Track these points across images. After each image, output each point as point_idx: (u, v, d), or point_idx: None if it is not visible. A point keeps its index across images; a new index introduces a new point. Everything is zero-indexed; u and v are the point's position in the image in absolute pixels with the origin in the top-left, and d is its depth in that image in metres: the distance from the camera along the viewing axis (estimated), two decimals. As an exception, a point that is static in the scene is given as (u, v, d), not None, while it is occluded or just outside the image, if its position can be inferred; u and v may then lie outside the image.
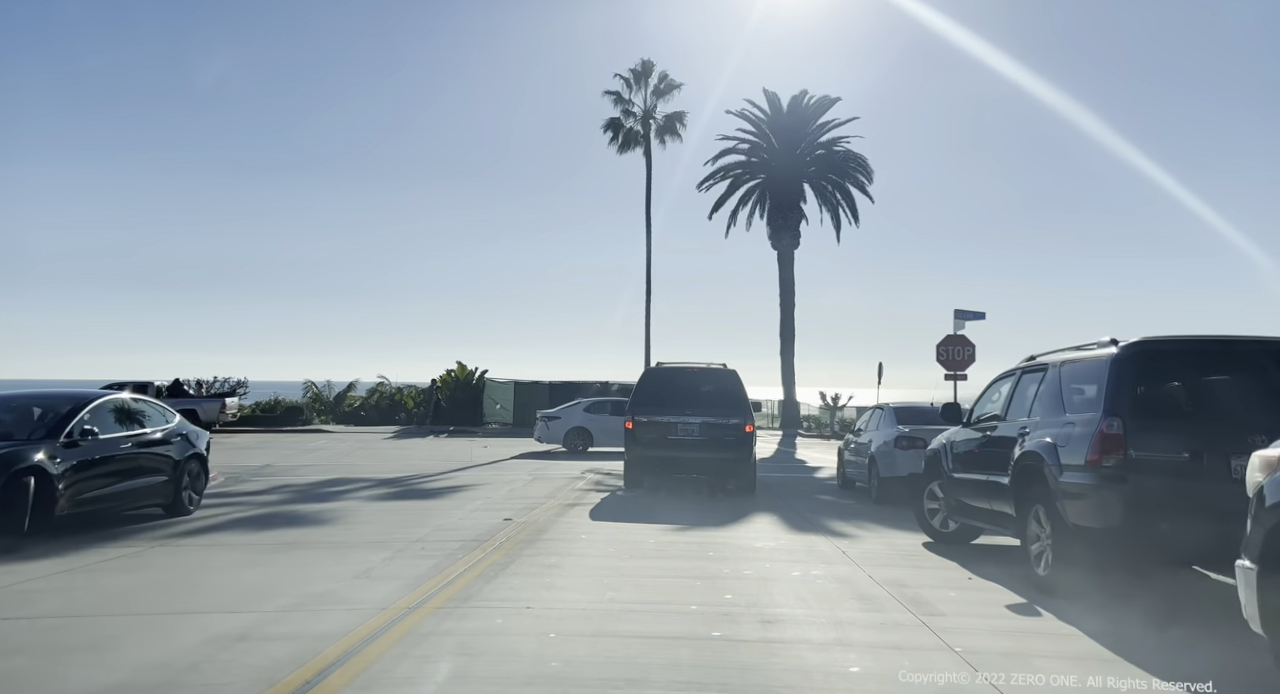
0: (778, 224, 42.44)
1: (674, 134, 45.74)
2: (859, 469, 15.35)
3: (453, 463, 21.17)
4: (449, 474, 18.31)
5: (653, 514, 12.49)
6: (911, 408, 14.84)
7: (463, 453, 24.67)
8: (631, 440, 15.40)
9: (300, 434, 32.84)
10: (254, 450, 24.87)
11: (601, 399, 27.45)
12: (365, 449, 25.90)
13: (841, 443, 17.23)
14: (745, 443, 15.12)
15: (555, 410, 26.77)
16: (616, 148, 45.99)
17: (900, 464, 13.37)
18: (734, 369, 16.44)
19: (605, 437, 24.71)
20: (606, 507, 13.36)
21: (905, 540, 10.46)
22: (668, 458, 15.22)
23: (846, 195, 42.36)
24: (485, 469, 19.93)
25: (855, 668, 5.34)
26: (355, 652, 5.47)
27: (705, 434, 14.96)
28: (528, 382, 39.51)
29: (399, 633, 5.92)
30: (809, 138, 42.38)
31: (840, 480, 16.92)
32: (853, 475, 16.04)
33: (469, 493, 14.87)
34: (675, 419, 15.02)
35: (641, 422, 15.26)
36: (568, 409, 26.44)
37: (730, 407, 15.29)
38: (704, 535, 10.57)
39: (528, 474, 18.54)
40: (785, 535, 10.75)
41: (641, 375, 16.59)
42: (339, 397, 44.90)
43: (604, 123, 45.58)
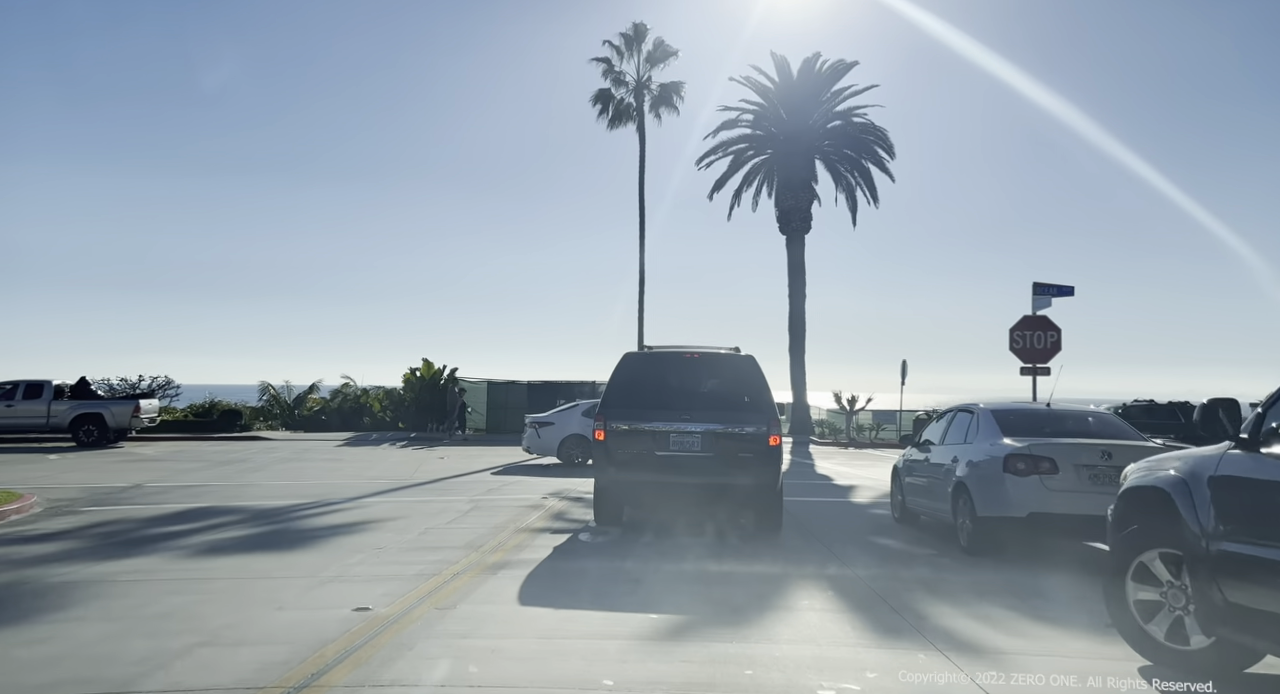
0: (787, 205, 37.74)
1: (670, 106, 41.07)
2: (931, 499, 10.63)
3: (382, 482, 16.41)
4: (362, 502, 13.54)
5: (624, 583, 7.77)
6: (1021, 411, 10.06)
7: (405, 467, 19.90)
8: (603, 457, 10.67)
9: (232, 442, 28.06)
10: (149, 464, 20.11)
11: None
12: (291, 462, 21.13)
13: (898, 460, 12.45)
14: (768, 461, 10.44)
15: (548, 414, 21.87)
16: (606, 122, 41.36)
17: (1014, 497, 8.67)
18: (749, 355, 11.50)
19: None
20: (555, 566, 8.62)
21: (1097, 661, 5.62)
22: (656, 483, 10.54)
23: (864, 173, 37.67)
24: (419, 492, 15.17)
25: None
26: None
27: (711, 448, 10.38)
28: (502, 382, 34.71)
29: None
30: (822, 107, 37.68)
31: (897, 512, 12.17)
32: (917, 506, 11.33)
33: (358, 538, 10.10)
34: (667, 427, 10.42)
35: (618, 430, 10.51)
36: (563, 413, 21.59)
37: (746, 408, 10.67)
38: (715, 652, 5.74)
39: (469, 501, 13.77)
40: (871, 652, 5.81)
41: (619, 363, 11.20)
42: (299, 399, 40.19)
43: (592, 95, 41.03)
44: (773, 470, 10.47)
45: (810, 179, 37.95)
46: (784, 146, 37.75)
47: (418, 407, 34.62)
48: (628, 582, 7.78)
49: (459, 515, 12.01)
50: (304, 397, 40.47)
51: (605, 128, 41.44)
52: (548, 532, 10.67)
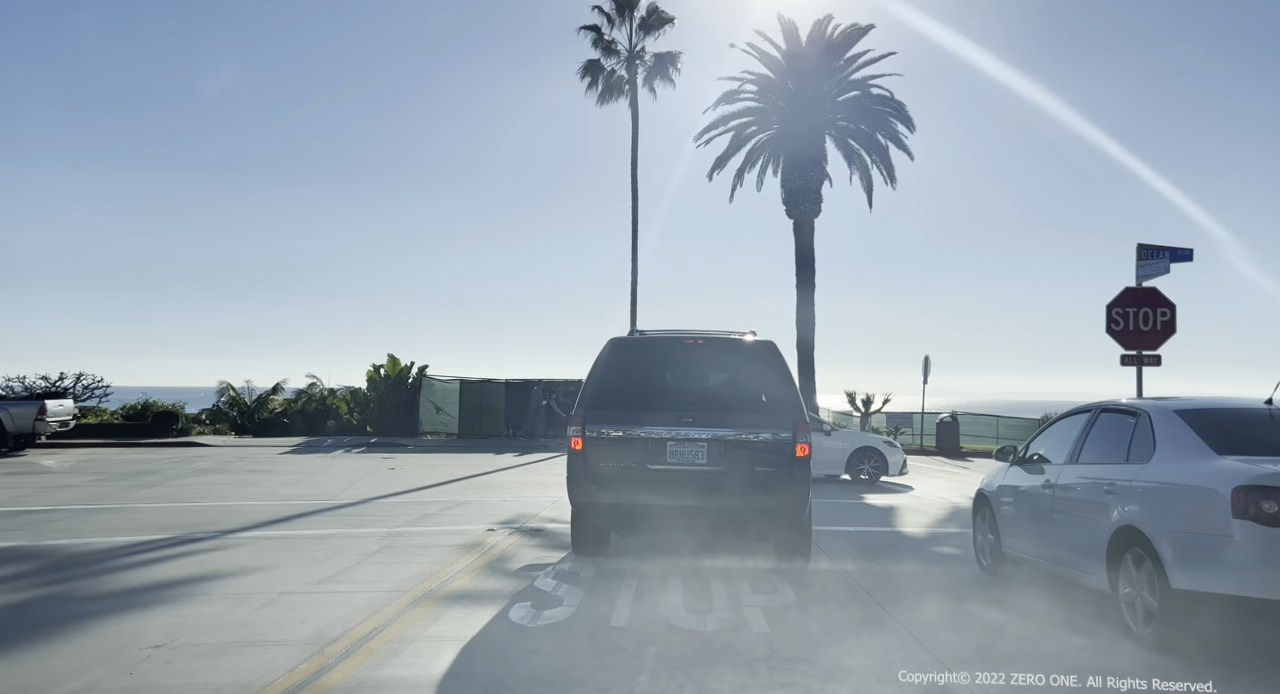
0: (794, 185, 34.02)
1: (666, 79, 37.51)
2: (1057, 548, 6.94)
3: (294, 505, 12.75)
4: (233, 539, 9.85)
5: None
6: (1227, 411, 6.15)
7: (339, 482, 16.20)
8: (581, 471, 8.31)
9: (159, 449, 24.34)
10: (28, 478, 16.41)
11: None
12: (208, 475, 17.47)
13: (985, 482, 8.74)
14: (794, 476, 8.15)
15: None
16: (596, 97, 37.80)
17: (1254, 563, 4.97)
18: (768, 341, 9.06)
19: None
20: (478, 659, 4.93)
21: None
22: (648, 507, 8.21)
23: (880, 150, 33.97)
24: (330, 520, 11.50)
25: None
26: None
27: (719, 459, 8.19)
28: (477, 380, 30.96)
29: None
30: (834, 77, 33.98)
31: (985, 557, 8.48)
32: (1025, 553, 7.62)
33: (143, 621, 6.40)
34: (663, 432, 8.24)
35: (601, 437, 8.31)
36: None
37: (765, 407, 8.42)
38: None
39: (385, 536, 10.07)
40: None
41: (603, 352, 8.82)
42: (260, 401, 36.39)
43: (580, 66, 37.41)
44: (799, 489, 8.15)
45: (820, 156, 34.26)
46: (792, 120, 34.06)
47: (382, 408, 30.93)
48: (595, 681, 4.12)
49: (352, 564, 8.31)
50: (265, 398, 36.71)
51: (595, 103, 37.86)
52: (469, 601, 6.94)
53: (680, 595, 7.10)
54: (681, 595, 7.10)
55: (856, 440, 18.11)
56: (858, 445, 17.83)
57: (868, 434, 19.04)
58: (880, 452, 17.80)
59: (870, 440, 18.21)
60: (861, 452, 17.72)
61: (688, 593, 7.20)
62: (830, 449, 17.52)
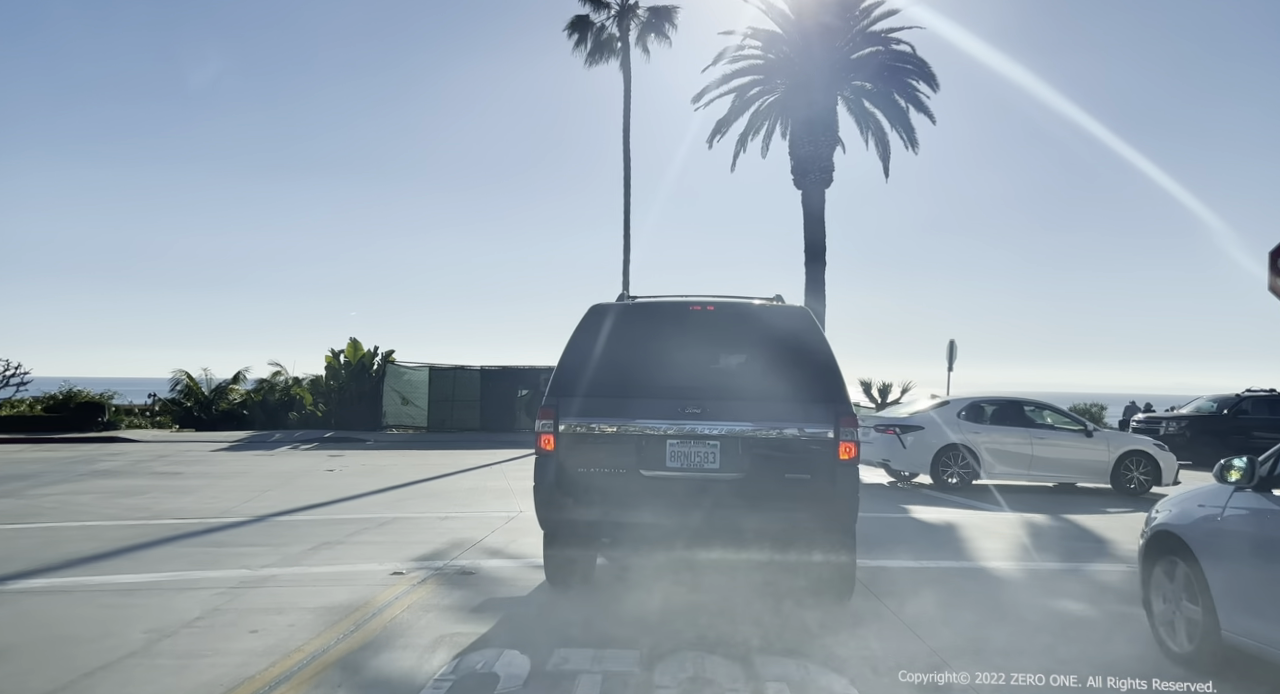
0: (803, 152, 30.55)
1: (661, 35, 34.27)
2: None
3: (158, 527, 9.52)
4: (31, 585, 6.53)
5: None
6: None
7: (246, 492, 12.93)
8: (553, 480, 6.29)
9: (69, 445, 21.04)
10: None
11: (993, 398, 15.68)
12: (90, 481, 14.28)
13: (1176, 518, 5.39)
14: (839, 485, 6.11)
15: (911, 415, 15.34)
16: (584, 56, 34.51)
17: None
18: (801, 307, 7.07)
19: (997, 460, 14.58)
20: None
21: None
22: (641, 527, 6.24)
23: (898, 112, 30.57)
24: (189, 549, 8.22)
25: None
26: None
27: (736, 463, 6.17)
28: (448, 367, 27.60)
29: None
30: (849, 28, 30.55)
31: (1177, 634, 5.18)
32: (1272, 642, 4.29)
33: None
34: (662, 427, 6.21)
35: (578, 434, 6.30)
36: (935, 411, 15.08)
37: (797, 395, 6.25)
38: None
39: (238, 582, 6.75)
40: None
41: (582, 322, 6.69)
42: (218, 391, 32.99)
43: (567, 21, 34.05)
44: (844, 505, 6.15)
45: (832, 120, 30.81)
46: (801, 79, 30.61)
47: (342, 398, 27.62)
48: None
49: (75, 679, 4.98)
50: (225, 388, 33.35)
51: (583, 63, 34.53)
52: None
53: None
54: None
55: (1123, 442, 14.98)
56: (1125, 448, 14.76)
57: (1133, 435, 15.82)
58: (1152, 456, 14.75)
59: (1139, 442, 15.08)
60: (1130, 457, 14.71)
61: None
62: (1092, 452, 14.69)
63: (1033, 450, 14.59)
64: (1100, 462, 14.68)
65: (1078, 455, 14.65)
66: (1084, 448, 14.70)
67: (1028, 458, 14.58)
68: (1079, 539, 10.19)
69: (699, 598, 6.48)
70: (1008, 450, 14.60)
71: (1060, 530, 10.75)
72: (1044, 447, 14.64)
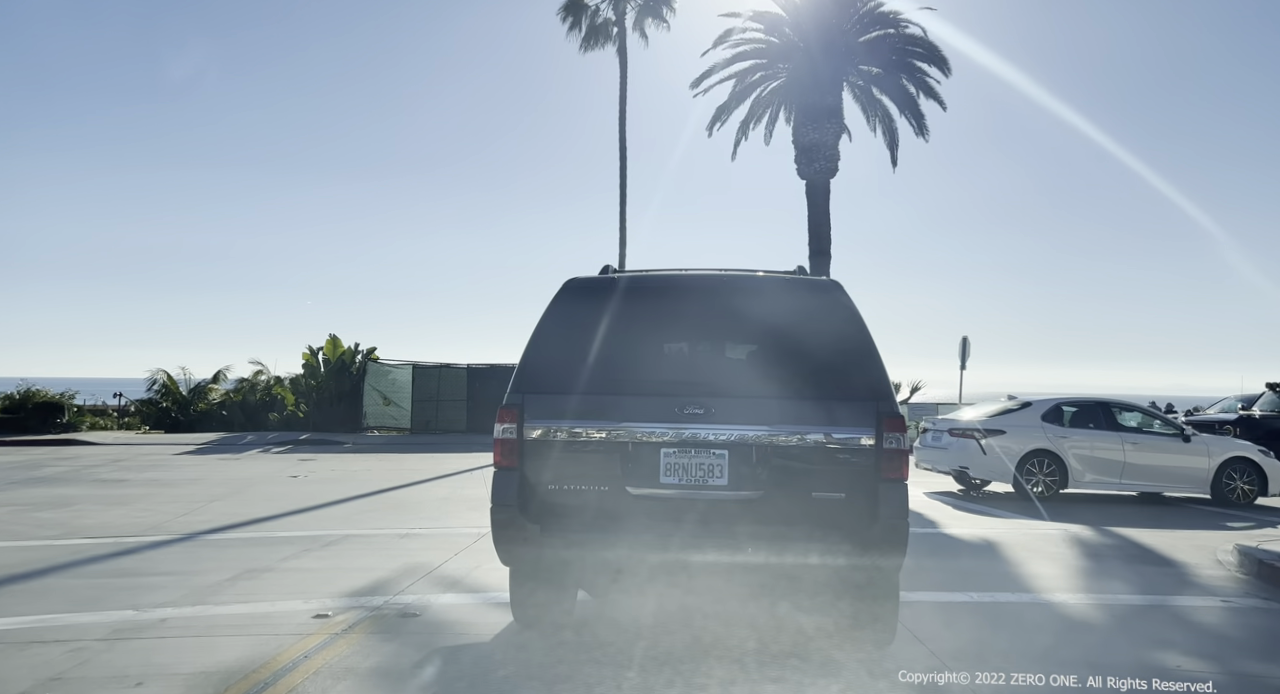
0: (807, 140, 29.10)
1: (659, 19, 32.82)
2: None
3: (54, 552, 8.07)
4: None
5: None
6: None
7: (196, 499, 11.50)
8: (513, 500, 4.84)
9: (19, 449, 19.58)
10: None
11: (1076, 399, 14.20)
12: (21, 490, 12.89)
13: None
14: (884, 506, 4.60)
15: (990, 418, 13.81)
16: (579, 41, 33.10)
17: None
18: (834, 281, 5.36)
19: (1086, 468, 13.20)
20: None
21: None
22: (629, 563, 4.85)
23: (907, 98, 29.14)
24: (73, 582, 6.76)
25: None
26: None
27: (751, 479, 4.73)
28: (432, 365, 26.14)
29: None
30: (857, 10, 29.11)
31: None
32: None
33: None
34: (655, 431, 4.78)
35: (548, 441, 4.90)
36: (1016, 414, 13.65)
37: (827, 393, 4.81)
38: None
39: (95, 641, 5.28)
40: None
41: (554, 300, 5.28)
42: (197, 390, 31.47)
43: (561, 4, 32.57)
44: (889, 534, 4.65)
45: (837, 106, 29.36)
46: (805, 63, 29.15)
47: (321, 398, 26.15)
48: None
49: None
50: (204, 388, 31.84)
51: (577, 49, 33.18)
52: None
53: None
54: None
55: (1225, 448, 13.63)
56: (1228, 455, 13.43)
57: (1235, 440, 14.39)
58: (1258, 463, 13.42)
59: (1243, 448, 13.75)
60: (1232, 464, 13.37)
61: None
62: (1191, 459, 13.38)
63: (1125, 457, 13.17)
64: (1200, 469, 13.32)
65: (1175, 462, 13.28)
66: (1182, 454, 13.34)
67: (1120, 465, 13.16)
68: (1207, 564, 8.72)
69: (698, 636, 5.03)
70: (1098, 457, 13.16)
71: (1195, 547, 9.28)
72: (1138, 453, 13.23)
